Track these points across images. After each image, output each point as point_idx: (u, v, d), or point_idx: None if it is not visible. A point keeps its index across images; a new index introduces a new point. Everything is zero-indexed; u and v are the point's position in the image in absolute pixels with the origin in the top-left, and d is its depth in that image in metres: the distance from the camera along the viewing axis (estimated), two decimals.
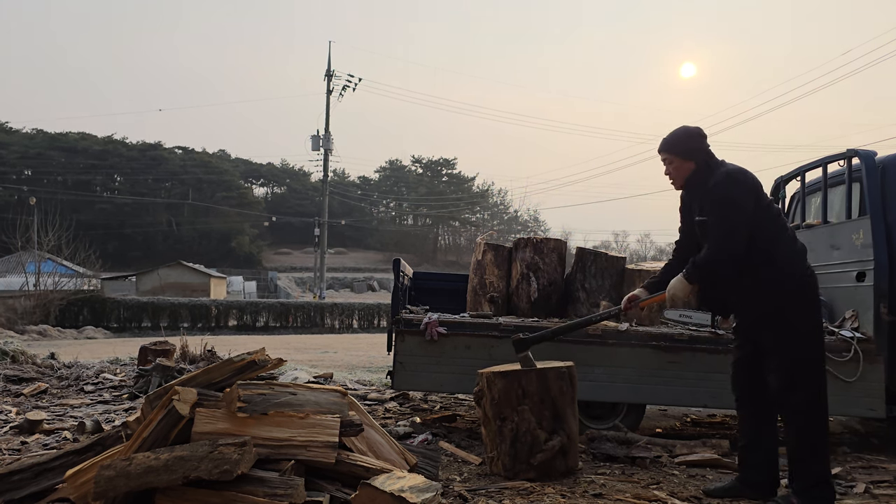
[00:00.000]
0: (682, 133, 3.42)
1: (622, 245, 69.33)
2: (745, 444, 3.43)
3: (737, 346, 3.51)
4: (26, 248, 27.99)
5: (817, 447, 3.13)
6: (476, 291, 5.64)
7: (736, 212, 3.16)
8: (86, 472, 2.66)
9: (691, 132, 3.41)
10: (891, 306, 4.57)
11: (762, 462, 3.36)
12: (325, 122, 40.41)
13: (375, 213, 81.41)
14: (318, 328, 26.70)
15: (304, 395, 2.94)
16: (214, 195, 64.20)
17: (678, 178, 3.44)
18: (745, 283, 3.24)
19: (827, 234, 5.19)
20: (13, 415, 5.37)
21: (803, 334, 3.18)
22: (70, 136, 66.19)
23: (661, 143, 3.46)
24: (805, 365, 3.15)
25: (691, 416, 6.15)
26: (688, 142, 3.39)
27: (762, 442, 3.36)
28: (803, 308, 3.20)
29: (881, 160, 4.80)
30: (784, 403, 3.18)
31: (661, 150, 3.47)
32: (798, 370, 3.14)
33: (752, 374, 3.36)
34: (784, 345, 3.17)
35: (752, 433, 3.40)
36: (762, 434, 3.37)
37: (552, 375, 3.69)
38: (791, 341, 3.16)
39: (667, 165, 3.46)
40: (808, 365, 3.16)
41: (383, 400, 6.39)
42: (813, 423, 3.14)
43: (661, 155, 3.48)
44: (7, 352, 8.18)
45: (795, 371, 3.14)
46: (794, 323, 3.17)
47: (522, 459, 3.60)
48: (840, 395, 4.47)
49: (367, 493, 2.50)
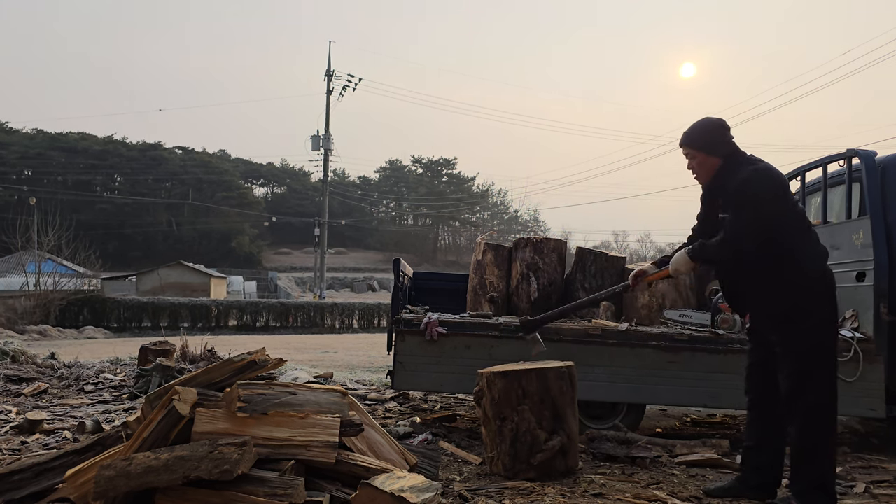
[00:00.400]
0: (705, 125, 3.28)
1: (622, 245, 69.31)
2: (751, 446, 3.39)
3: (751, 349, 3.46)
4: (26, 248, 28.01)
5: (820, 450, 3.08)
6: (476, 291, 5.64)
7: (754, 212, 3.08)
8: (86, 472, 2.66)
9: (714, 124, 3.28)
10: (891, 306, 4.57)
11: (766, 465, 3.33)
12: (325, 122, 40.46)
13: (375, 213, 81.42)
14: (318, 328, 26.69)
15: (304, 395, 2.94)
16: (214, 195, 64.21)
17: (703, 173, 3.31)
18: (766, 279, 3.17)
19: (827, 234, 5.17)
20: (13, 415, 5.37)
21: (817, 337, 3.11)
22: (70, 136, 66.21)
23: (683, 137, 3.32)
24: (816, 369, 3.09)
25: (691, 415, 6.16)
26: (711, 135, 3.25)
27: (769, 445, 3.32)
28: (821, 309, 3.14)
29: (881, 160, 4.80)
30: (792, 406, 3.12)
31: (682, 143, 3.32)
32: (810, 374, 3.08)
33: (767, 378, 3.30)
34: (797, 346, 3.11)
35: (759, 435, 3.36)
36: (770, 437, 3.32)
37: (552, 375, 3.69)
38: (805, 343, 3.10)
39: (689, 160, 3.33)
40: (820, 369, 3.10)
41: (383, 400, 6.39)
42: (819, 427, 3.08)
43: (682, 149, 3.33)
44: (7, 352, 8.19)
45: (807, 374, 3.08)
46: (809, 324, 3.10)
47: (522, 459, 3.60)
48: (840, 395, 4.45)
49: (367, 492, 2.50)
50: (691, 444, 4.46)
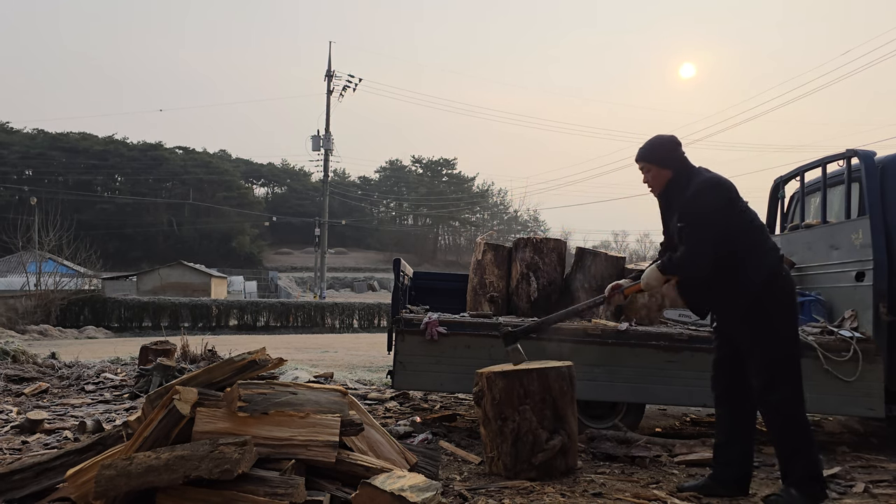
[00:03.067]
0: (657, 142, 3.53)
1: (622, 245, 69.41)
2: (721, 442, 3.50)
3: (716, 346, 3.59)
4: (27, 248, 28.05)
5: (801, 443, 3.20)
6: (476, 291, 5.65)
7: (705, 227, 3.27)
8: (87, 472, 2.67)
9: (665, 141, 3.52)
10: (890, 306, 4.57)
11: (734, 460, 3.43)
12: (325, 122, 40.43)
13: (376, 213, 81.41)
14: (318, 328, 26.68)
15: (304, 395, 2.95)
16: (215, 195, 64.23)
17: (656, 185, 3.54)
18: (719, 285, 3.35)
19: (826, 234, 5.19)
20: (14, 414, 5.38)
21: (779, 334, 3.26)
22: (71, 136, 66.27)
23: (638, 153, 3.57)
24: (782, 364, 3.23)
25: (690, 415, 6.16)
26: (662, 150, 3.50)
27: (737, 440, 3.43)
28: (777, 308, 3.28)
29: (881, 160, 4.81)
30: (764, 403, 3.27)
31: (638, 159, 3.57)
32: (776, 370, 3.23)
33: (732, 374, 3.44)
34: (760, 345, 3.25)
35: (728, 431, 3.47)
36: (738, 433, 3.43)
37: (553, 375, 3.70)
38: (767, 341, 3.24)
39: (644, 174, 3.56)
40: (786, 364, 3.23)
41: (383, 399, 6.40)
42: (793, 421, 3.21)
43: (638, 164, 3.58)
44: (8, 351, 8.20)
45: (773, 371, 3.23)
46: (769, 323, 3.25)
47: (524, 459, 3.60)
48: (839, 395, 4.49)
49: (367, 492, 2.51)
50: (691, 444, 4.47)
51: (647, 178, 3.55)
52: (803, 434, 3.21)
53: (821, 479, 3.24)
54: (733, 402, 3.45)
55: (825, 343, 4.51)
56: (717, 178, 3.39)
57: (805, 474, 3.18)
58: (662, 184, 3.51)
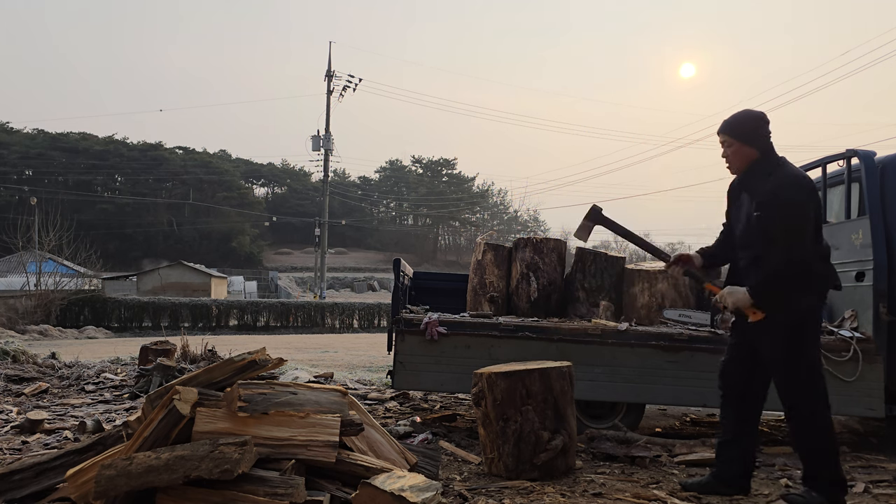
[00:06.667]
0: (744, 116, 3.33)
1: (622, 245, 69.28)
2: (724, 441, 3.47)
3: (733, 345, 3.49)
4: (27, 248, 28.03)
5: (825, 449, 3.17)
6: (476, 291, 5.65)
7: (804, 217, 3.11)
8: (87, 472, 2.66)
9: (754, 116, 3.32)
10: (890, 306, 4.57)
11: (736, 458, 3.41)
12: (325, 122, 40.42)
13: (376, 213, 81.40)
14: (318, 328, 26.67)
15: (304, 395, 2.95)
16: (215, 195, 64.19)
17: (736, 162, 3.34)
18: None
19: (826, 234, 5.15)
20: (14, 414, 5.38)
21: (808, 341, 3.20)
22: (71, 136, 66.23)
23: (722, 125, 3.36)
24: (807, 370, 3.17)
25: (691, 415, 6.16)
26: (749, 124, 3.30)
27: (741, 440, 3.41)
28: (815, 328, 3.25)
29: (881, 160, 4.81)
30: (795, 417, 3.22)
31: (720, 131, 3.36)
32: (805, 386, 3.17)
33: (743, 377, 3.39)
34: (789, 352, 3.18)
35: (732, 430, 3.44)
36: (743, 433, 3.41)
37: (554, 375, 3.70)
38: (797, 349, 3.17)
39: (725, 148, 3.36)
40: (810, 369, 3.18)
41: (383, 399, 6.40)
42: (821, 430, 3.17)
43: (720, 137, 3.37)
44: (8, 351, 8.19)
45: (802, 388, 3.17)
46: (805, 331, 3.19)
47: (526, 460, 3.60)
48: (839, 395, 4.48)
49: (367, 492, 2.51)
50: (691, 444, 4.47)
51: (728, 152, 3.34)
52: (829, 441, 3.17)
53: (843, 485, 3.20)
54: (741, 404, 3.41)
55: (825, 343, 4.50)
56: (806, 175, 3.24)
57: (827, 480, 3.15)
58: (744, 162, 3.30)
